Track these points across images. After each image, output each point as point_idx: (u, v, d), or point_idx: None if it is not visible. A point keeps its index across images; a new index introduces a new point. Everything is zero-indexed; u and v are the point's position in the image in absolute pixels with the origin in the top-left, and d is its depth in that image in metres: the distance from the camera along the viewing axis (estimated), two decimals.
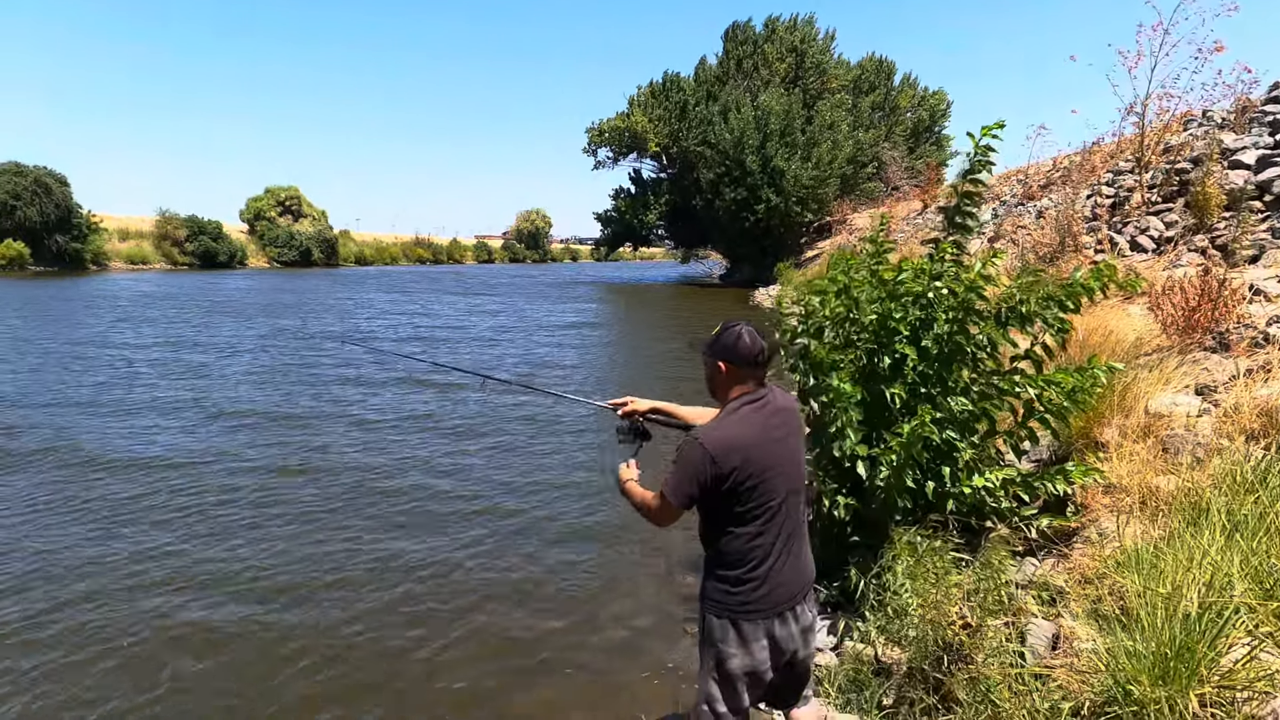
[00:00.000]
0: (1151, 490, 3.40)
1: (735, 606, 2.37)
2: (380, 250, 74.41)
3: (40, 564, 5.19)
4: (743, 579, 2.35)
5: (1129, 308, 6.13)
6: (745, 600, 2.36)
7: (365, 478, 7.16)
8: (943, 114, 48.00)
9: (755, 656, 2.40)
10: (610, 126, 44.48)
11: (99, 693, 3.79)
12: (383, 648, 4.27)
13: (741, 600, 2.36)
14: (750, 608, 2.37)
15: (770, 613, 2.39)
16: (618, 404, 3.01)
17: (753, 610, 2.37)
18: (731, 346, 2.39)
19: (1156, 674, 2.04)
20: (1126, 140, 11.70)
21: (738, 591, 2.36)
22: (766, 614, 2.38)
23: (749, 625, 2.37)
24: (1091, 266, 3.84)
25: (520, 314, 24.73)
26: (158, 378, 12.16)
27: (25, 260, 41.27)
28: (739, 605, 2.37)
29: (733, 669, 2.40)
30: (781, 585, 2.39)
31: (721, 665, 2.41)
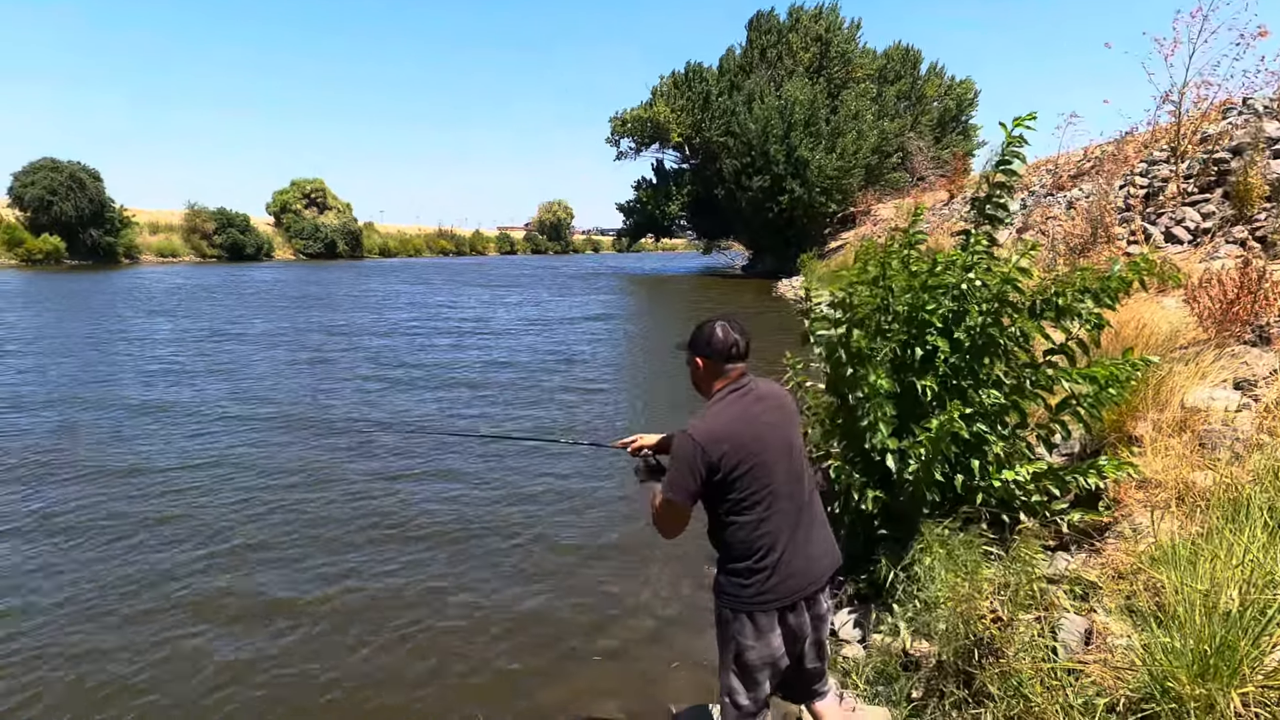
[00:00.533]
0: (1188, 486, 3.35)
1: (749, 599, 2.37)
2: (404, 242, 74.97)
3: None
4: (753, 569, 2.36)
5: (1163, 300, 6.01)
6: (758, 592, 2.36)
7: (398, 480, 7.26)
8: (970, 103, 47.24)
9: (771, 646, 2.41)
10: (633, 116, 44.33)
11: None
12: (416, 638, 4.34)
13: (755, 592, 2.37)
14: (764, 598, 2.37)
15: (784, 602, 2.39)
16: (626, 443, 2.99)
17: (766, 601, 2.37)
18: (706, 341, 2.44)
19: (1196, 671, 2.02)
20: (1161, 129, 11.45)
21: (750, 583, 2.37)
22: (780, 603, 2.38)
23: (764, 616, 2.38)
24: (1128, 259, 3.78)
25: (542, 306, 24.81)
26: (202, 372, 12.38)
27: (61, 254, 42.13)
28: (752, 597, 2.37)
29: (751, 660, 2.41)
30: (793, 574, 2.39)
31: (740, 657, 2.42)
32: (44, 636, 4.26)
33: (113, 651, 4.13)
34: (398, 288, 31.84)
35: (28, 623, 4.40)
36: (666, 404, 10.16)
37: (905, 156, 37.98)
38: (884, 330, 4.05)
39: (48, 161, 43.62)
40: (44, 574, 5.00)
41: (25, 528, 5.72)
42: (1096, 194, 9.91)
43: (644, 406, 10.32)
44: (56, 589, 4.80)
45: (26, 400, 9.83)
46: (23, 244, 40.92)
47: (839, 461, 4.10)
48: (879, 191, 36.94)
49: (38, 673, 3.93)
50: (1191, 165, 9.80)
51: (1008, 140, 3.99)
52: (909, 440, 3.81)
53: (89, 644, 4.20)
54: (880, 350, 3.97)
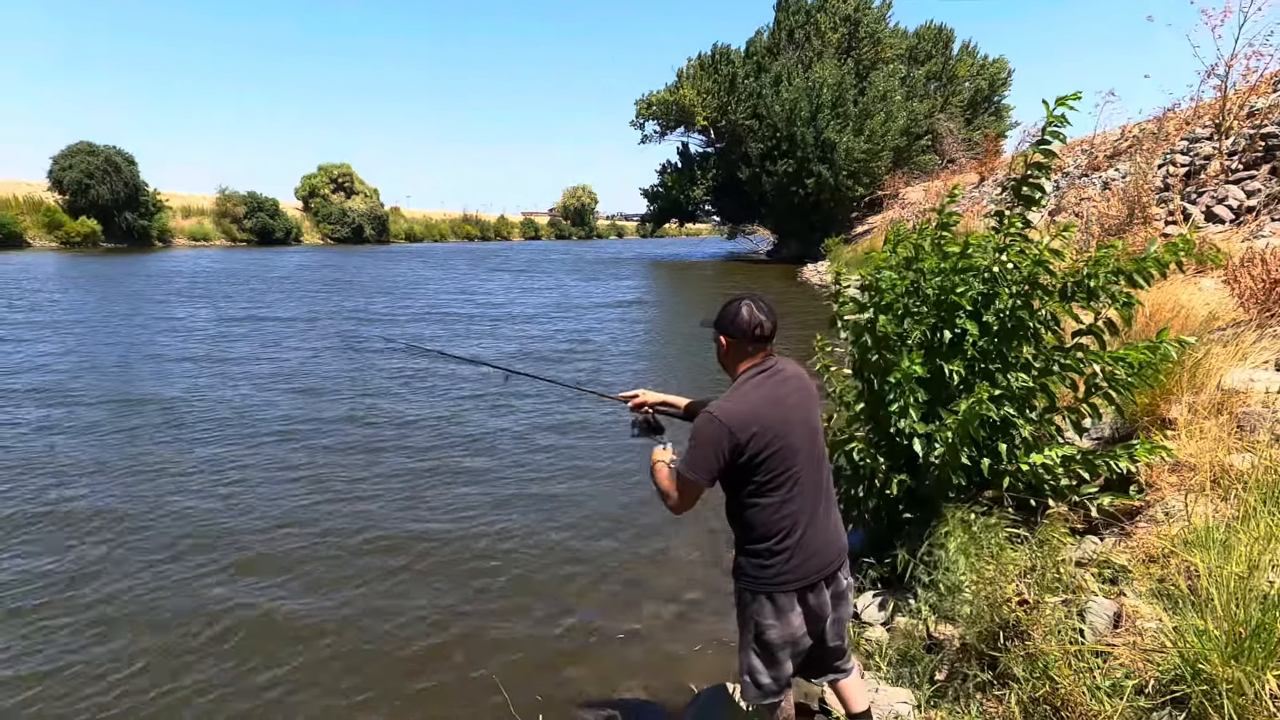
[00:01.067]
0: (1224, 468, 3.27)
1: (769, 580, 2.38)
2: (429, 227, 75.34)
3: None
4: (774, 550, 2.35)
5: (1201, 281, 5.86)
6: (779, 572, 2.36)
7: (421, 461, 7.33)
8: (1003, 83, 46.26)
9: (792, 626, 2.41)
10: (658, 100, 43.98)
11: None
12: (441, 620, 4.40)
13: (775, 572, 2.37)
14: (784, 579, 2.37)
15: (804, 582, 2.39)
16: (628, 397, 3.01)
17: (786, 581, 2.37)
18: (731, 320, 2.41)
19: (1230, 653, 1.98)
20: (1205, 105, 11.09)
21: (771, 564, 2.37)
22: (800, 584, 2.39)
23: (783, 597, 2.39)
24: (1165, 240, 3.68)
25: (566, 292, 24.84)
26: (246, 358, 12.60)
27: (98, 237, 42.93)
28: (772, 578, 2.37)
29: (771, 640, 2.41)
30: (814, 554, 2.39)
31: (760, 637, 2.43)
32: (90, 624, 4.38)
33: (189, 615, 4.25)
34: (425, 273, 32.05)
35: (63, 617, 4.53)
36: (692, 388, 10.14)
37: (935, 138, 37.34)
38: (913, 313, 3.99)
39: (85, 145, 44.36)
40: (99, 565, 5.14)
41: (77, 517, 5.87)
42: (1134, 174, 9.65)
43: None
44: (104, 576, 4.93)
45: (74, 387, 10.07)
46: (61, 226, 41.76)
47: (863, 445, 4.06)
48: (907, 174, 36.37)
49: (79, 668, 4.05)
50: (1237, 141, 9.49)
51: (1048, 120, 3.88)
52: (935, 424, 3.76)
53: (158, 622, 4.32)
54: (910, 334, 3.92)
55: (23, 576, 4.70)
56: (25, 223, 40.79)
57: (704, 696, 3.36)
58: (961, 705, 2.82)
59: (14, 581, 4.64)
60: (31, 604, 4.40)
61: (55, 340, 12.96)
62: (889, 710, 2.96)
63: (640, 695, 3.69)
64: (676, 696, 3.63)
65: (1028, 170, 4.02)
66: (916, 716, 2.89)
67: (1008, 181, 4.09)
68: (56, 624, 4.21)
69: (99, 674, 3.79)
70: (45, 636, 4.09)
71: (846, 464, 4.14)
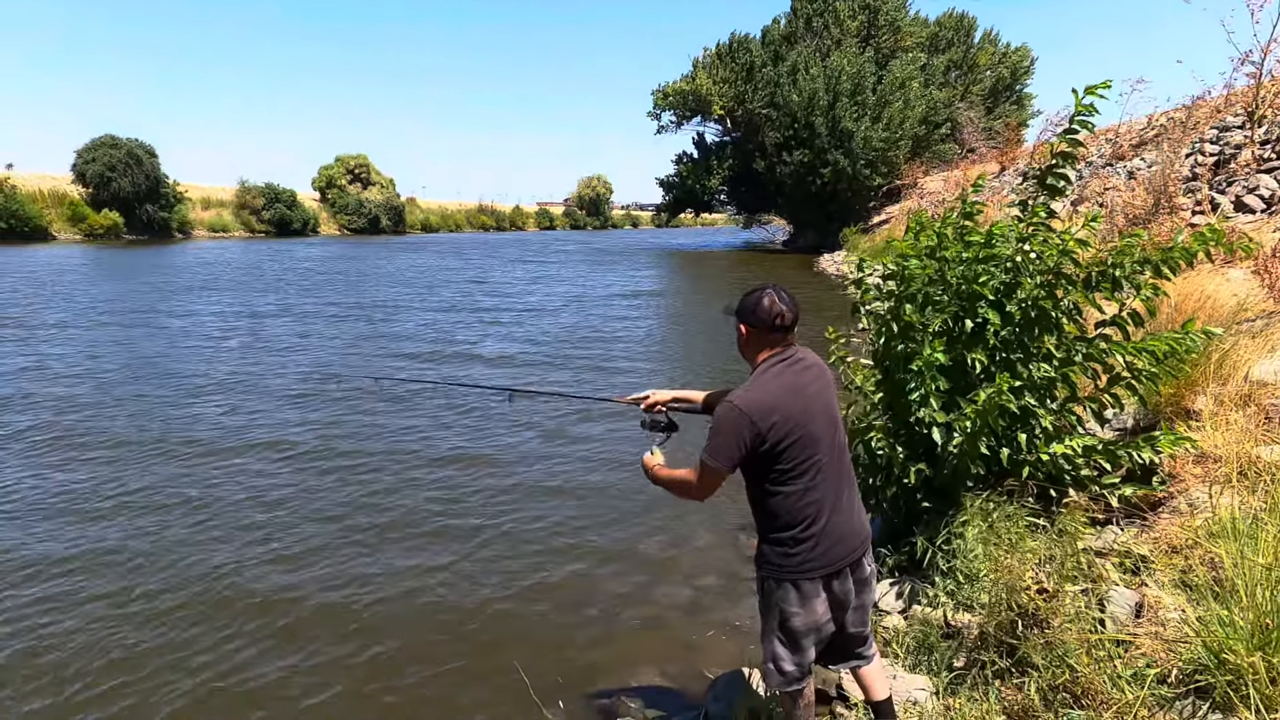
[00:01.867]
0: (1251, 460, 3.24)
1: (794, 568, 2.37)
2: (445, 217, 75.62)
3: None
4: (799, 538, 2.35)
5: (1229, 272, 5.77)
6: (805, 560, 2.36)
7: (439, 455, 7.40)
8: (1025, 71, 45.64)
9: (816, 612, 2.41)
10: (675, 89, 43.80)
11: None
12: (462, 604, 4.45)
13: (800, 560, 2.37)
14: (809, 566, 2.37)
15: (829, 569, 2.39)
16: (638, 399, 2.98)
17: (812, 569, 2.37)
18: (752, 310, 2.40)
19: (1256, 643, 1.96)
20: (1237, 93, 10.88)
21: (796, 552, 2.36)
22: (825, 571, 2.39)
23: (808, 584, 2.38)
24: (1192, 230, 3.63)
25: (583, 282, 24.87)
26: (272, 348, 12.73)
27: (120, 229, 43.49)
28: (798, 566, 2.37)
29: (796, 627, 2.41)
30: (839, 541, 2.39)
31: (785, 624, 2.42)
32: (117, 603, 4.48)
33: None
34: (441, 263, 32.19)
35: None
36: (712, 378, 10.14)
37: (955, 127, 36.92)
38: (935, 302, 3.96)
39: (108, 139, 44.90)
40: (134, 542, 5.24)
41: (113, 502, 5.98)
42: (1160, 162, 9.50)
43: (689, 382, 10.32)
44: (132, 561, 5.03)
45: (112, 376, 10.22)
46: (85, 219, 42.32)
47: (881, 434, 4.05)
48: (926, 164, 36.00)
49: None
50: (1270, 130, 9.31)
51: (1077, 109, 3.83)
52: (955, 414, 3.74)
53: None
54: (931, 322, 3.89)
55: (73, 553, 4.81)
56: (50, 216, 41.37)
57: (721, 682, 3.38)
58: (980, 692, 2.81)
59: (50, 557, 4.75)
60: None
61: (80, 336, 13.17)
62: (906, 697, 2.96)
63: (657, 681, 3.72)
64: (693, 682, 3.66)
65: (1053, 159, 3.98)
66: (934, 703, 2.89)
67: (1030, 170, 4.03)
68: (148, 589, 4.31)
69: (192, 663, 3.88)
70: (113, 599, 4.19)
71: (864, 453, 4.13)
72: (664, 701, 3.52)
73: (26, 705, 3.50)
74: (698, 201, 47.89)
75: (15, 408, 8.26)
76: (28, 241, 37.69)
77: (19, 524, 5.31)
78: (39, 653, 3.87)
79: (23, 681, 3.65)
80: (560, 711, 3.46)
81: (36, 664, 3.78)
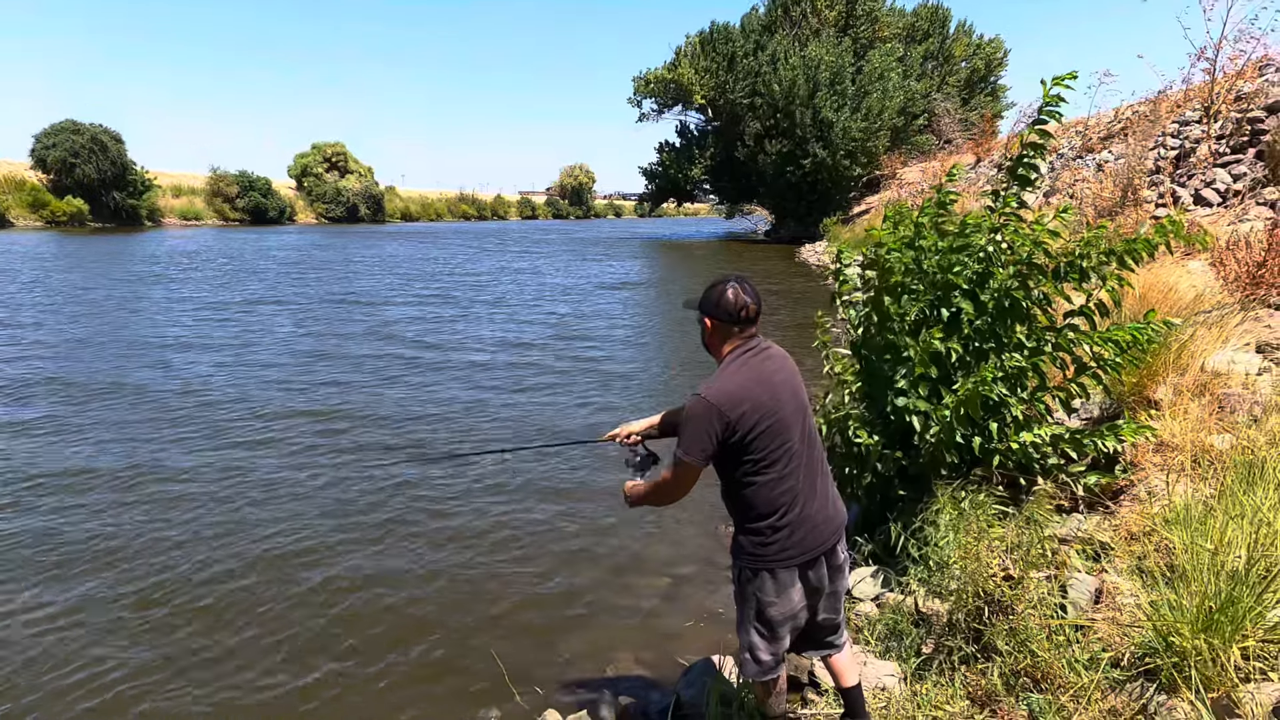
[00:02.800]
0: (1205, 449, 3.34)
1: (770, 557, 2.39)
2: (425, 207, 74.94)
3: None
4: (776, 527, 2.37)
5: (1188, 263, 5.91)
6: (782, 548, 2.38)
7: (422, 439, 7.39)
8: (999, 63, 46.04)
9: (793, 601, 2.44)
10: (656, 77, 43.59)
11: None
12: (439, 594, 4.48)
13: (778, 549, 2.38)
14: (785, 555, 2.38)
15: (806, 557, 2.41)
16: (614, 435, 2.98)
17: (789, 557, 2.39)
18: (716, 302, 2.40)
19: (1199, 626, 2.05)
20: (1195, 89, 11.10)
21: (773, 540, 2.38)
22: (802, 559, 2.40)
23: (785, 572, 2.40)
24: (1154, 222, 3.72)
25: (567, 273, 24.80)
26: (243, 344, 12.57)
27: (84, 216, 42.56)
28: (775, 555, 2.38)
29: (773, 616, 2.44)
30: (815, 529, 2.41)
31: (762, 614, 2.44)
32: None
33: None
34: (418, 252, 31.92)
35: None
36: (696, 370, 10.21)
37: (932, 118, 37.18)
38: (911, 291, 4.02)
39: (69, 124, 43.82)
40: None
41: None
42: (1127, 156, 9.67)
43: (667, 378, 10.37)
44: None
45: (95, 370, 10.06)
46: (46, 206, 41.36)
47: (857, 424, 4.12)
48: (904, 154, 36.25)
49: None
50: (1225, 125, 9.52)
51: (1045, 99, 3.90)
52: (934, 403, 3.81)
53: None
54: (909, 311, 3.95)
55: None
56: (8, 202, 40.38)
57: (694, 669, 3.44)
58: (946, 678, 2.90)
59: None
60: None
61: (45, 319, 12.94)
62: (875, 683, 3.03)
63: (632, 667, 3.77)
64: (669, 669, 3.71)
65: (1023, 150, 4.05)
66: (902, 689, 2.97)
67: (1004, 161, 4.09)
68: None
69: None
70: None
71: (841, 442, 4.19)
72: (639, 688, 3.58)
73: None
74: (680, 191, 47.79)
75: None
76: None
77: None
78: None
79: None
80: (536, 698, 3.50)
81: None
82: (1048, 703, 2.36)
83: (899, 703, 2.85)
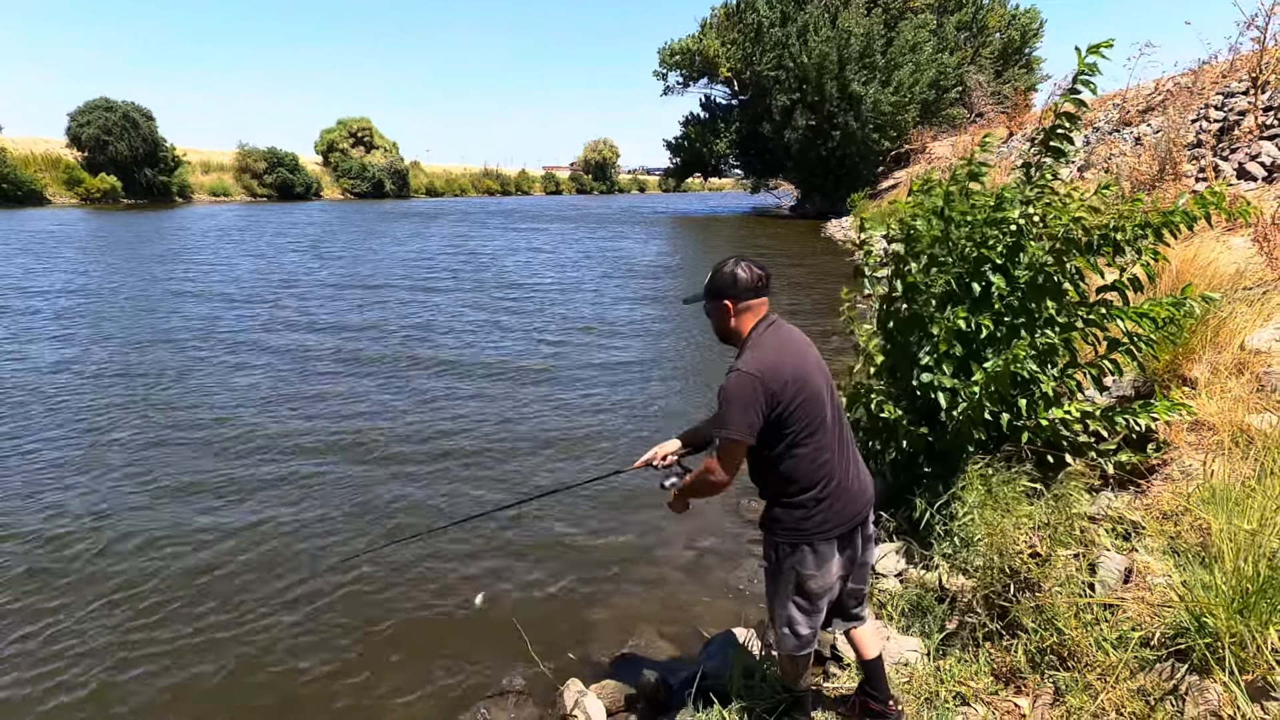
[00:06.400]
0: (1243, 428, 3.26)
1: (811, 529, 2.37)
2: (450, 182, 74.94)
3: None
4: (818, 499, 2.35)
5: (1230, 239, 5.74)
6: (823, 520, 2.37)
7: (447, 424, 7.46)
8: (1034, 34, 44.69)
9: (831, 573, 2.43)
10: (681, 48, 42.93)
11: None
12: (464, 564, 4.54)
13: (819, 521, 2.37)
14: (826, 527, 2.37)
15: (846, 527, 2.41)
16: (648, 460, 2.95)
17: (829, 529, 2.38)
18: (731, 283, 2.38)
19: (1235, 608, 2.01)
20: (1242, 59, 10.70)
21: (814, 513, 2.36)
22: (842, 529, 2.40)
23: (825, 545, 2.39)
24: (1193, 195, 3.60)
25: (592, 251, 24.71)
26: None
27: (118, 193, 43.15)
28: (816, 527, 2.37)
29: (813, 590, 2.43)
30: (851, 499, 2.41)
31: (802, 587, 2.43)
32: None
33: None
34: (443, 232, 31.97)
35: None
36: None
37: (964, 91, 36.33)
38: (940, 263, 3.94)
39: (102, 101, 44.28)
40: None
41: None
42: (1166, 129, 9.38)
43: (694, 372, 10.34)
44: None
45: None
46: (81, 183, 41.98)
47: (882, 398, 4.07)
48: (935, 128, 35.49)
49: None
50: (1274, 96, 9.17)
51: (1080, 68, 3.78)
52: (962, 379, 3.75)
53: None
54: (935, 283, 3.87)
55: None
56: (44, 180, 41.02)
57: (716, 641, 3.45)
58: (970, 654, 2.88)
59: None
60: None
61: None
62: (899, 657, 3.03)
63: (654, 639, 3.80)
64: (691, 641, 3.74)
65: (1057, 120, 3.93)
66: (925, 664, 2.96)
67: (1037, 134, 4.00)
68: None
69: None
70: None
71: (866, 416, 4.15)
72: (661, 660, 3.61)
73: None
74: (705, 165, 47.24)
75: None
76: (21, 205, 37.38)
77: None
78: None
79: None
80: (559, 668, 3.54)
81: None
82: (1074, 680, 2.34)
83: (922, 678, 2.84)
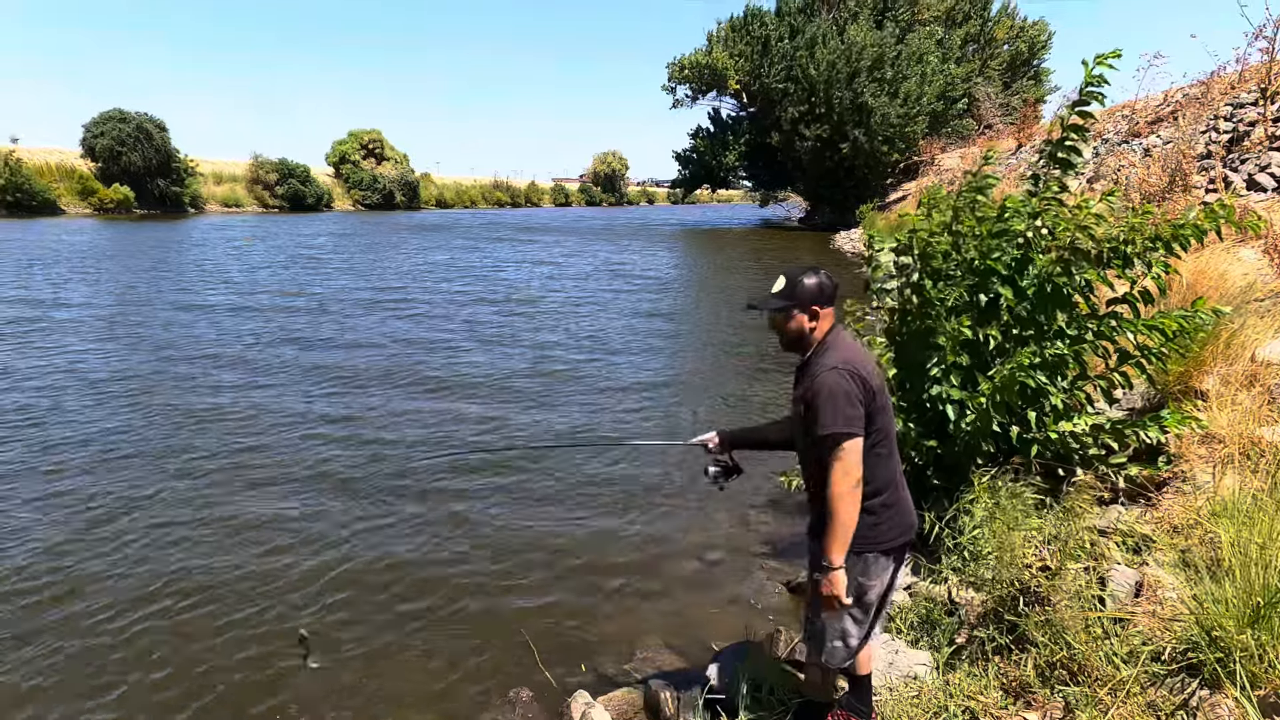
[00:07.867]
0: (1254, 441, 3.24)
1: (878, 537, 2.35)
2: (460, 193, 75.28)
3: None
4: (886, 504, 2.36)
5: (1240, 251, 5.71)
6: (889, 529, 2.37)
7: (454, 433, 7.49)
8: (1043, 46, 44.74)
9: (886, 582, 2.44)
10: (690, 62, 43.14)
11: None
12: (473, 573, 4.54)
13: (884, 530, 2.36)
14: (891, 535, 2.38)
15: (908, 536, 2.43)
16: (705, 440, 2.89)
17: (894, 537, 2.38)
18: (818, 291, 2.40)
19: (1246, 621, 1.99)
20: (1252, 69, 10.68)
21: (882, 520, 2.35)
22: (904, 538, 2.41)
23: (885, 555, 2.39)
24: (1203, 207, 3.60)
25: (601, 263, 24.77)
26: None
27: (131, 203, 43.57)
28: (882, 535, 2.36)
29: (871, 600, 2.41)
30: (909, 510, 2.45)
31: (861, 597, 2.39)
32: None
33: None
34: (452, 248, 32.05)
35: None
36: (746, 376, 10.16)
37: (972, 103, 36.36)
38: (949, 276, 3.95)
39: (116, 113, 44.78)
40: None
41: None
42: (1176, 140, 9.36)
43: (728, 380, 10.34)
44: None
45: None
46: (95, 193, 42.41)
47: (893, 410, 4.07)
48: (943, 140, 35.51)
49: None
50: None
51: (1087, 80, 3.79)
52: (969, 391, 3.75)
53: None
54: (947, 296, 3.88)
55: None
56: (59, 190, 41.46)
57: (725, 653, 3.44)
58: (978, 668, 2.86)
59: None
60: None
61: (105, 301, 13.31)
62: (907, 671, 3.01)
63: (661, 650, 3.79)
64: (698, 653, 3.72)
65: (1065, 132, 3.93)
66: (934, 678, 2.94)
67: (1045, 147, 4.00)
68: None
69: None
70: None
71: None
72: (668, 671, 3.59)
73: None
74: (714, 177, 47.35)
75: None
76: (35, 215, 37.73)
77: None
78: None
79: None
80: (566, 679, 3.54)
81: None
82: (1084, 695, 2.32)
83: (931, 692, 2.82)
